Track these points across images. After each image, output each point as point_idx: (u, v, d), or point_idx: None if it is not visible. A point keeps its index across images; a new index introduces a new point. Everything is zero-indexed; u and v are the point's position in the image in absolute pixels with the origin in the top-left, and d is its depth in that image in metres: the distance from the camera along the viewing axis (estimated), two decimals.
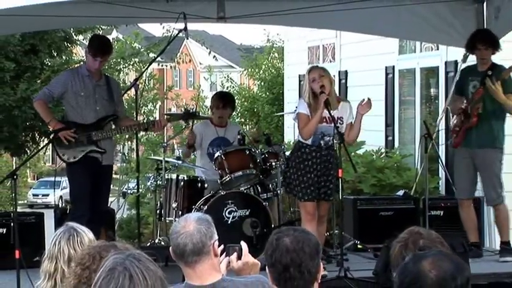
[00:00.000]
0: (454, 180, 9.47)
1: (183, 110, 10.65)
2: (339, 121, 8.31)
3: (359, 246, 9.73)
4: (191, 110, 9.89)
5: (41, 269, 4.06)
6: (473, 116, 8.99)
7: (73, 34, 17.32)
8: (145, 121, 9.75)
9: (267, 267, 3.77)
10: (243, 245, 4.53)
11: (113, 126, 9.00)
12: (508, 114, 9.09)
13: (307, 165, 8.40)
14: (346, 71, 15.00)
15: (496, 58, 10.49)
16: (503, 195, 9.04)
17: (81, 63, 9.34)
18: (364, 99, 8.37)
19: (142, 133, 22.46)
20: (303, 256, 3.69)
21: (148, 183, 12.19)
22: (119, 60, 24.90)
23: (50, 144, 9.10)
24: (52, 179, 15.33)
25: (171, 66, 39.26)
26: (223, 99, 9.97)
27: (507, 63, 10.71)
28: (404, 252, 3.67)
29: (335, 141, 8.23)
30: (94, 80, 8.80)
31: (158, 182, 9.83)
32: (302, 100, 8.54)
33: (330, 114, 8.15)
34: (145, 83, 30.14)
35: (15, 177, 8.01)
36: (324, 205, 8.45)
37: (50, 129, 8.84)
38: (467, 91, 9.13)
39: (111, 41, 11.16)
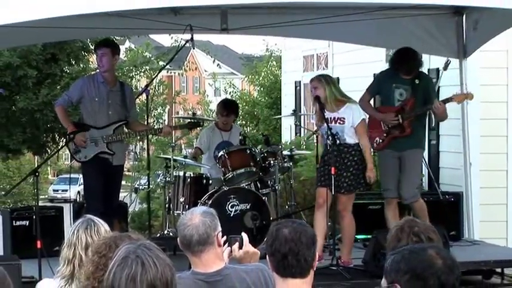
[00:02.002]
0: (382, 181, 8.99)
1: (189, 113, 10.68)
2: (339, 121, 8.26)
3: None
4: (194, 121, 9.99)
5: (61, 256, 4.06)
6: (407, 126, 8.67)
7: (90, 44, 17.29)
8: (153, 128, 9.69)
9: (267, 256, 3.76)
10: (244, 236, 4.52)
11: (125, 130, 8.99)
12: None
13: (324, 160, 8.38)
14: (338, 77, 14.97)
15: (477, 66, 10.52)
16: (419, 194, 8.89)
17: (97, 70, 9.31)
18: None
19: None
20: (300, 246, 3.68)
21: (158, 180, 12.19)
22: (131, 68, 24.93)
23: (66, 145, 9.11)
24: (72, 175, 15.32)
25: (178, 73, 39.28)
26: (227, 108, 9.98)
27: (488, 71, 10.77)
28: (400, 235, 3.67)
29: (329, 142, 8.21)
30: (108, 87, 8.78)
31: (167, 178, 9.82)
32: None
33: (324, 115, 8.14)
34: (155, 88, 30.17)
35: (37, 174, 8.02)
36: (341, 198, 8.25)
37: (67, 133, 8.85)
38: (393, 98, 8.76)
39: (125, 50, 11.17)
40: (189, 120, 10.28)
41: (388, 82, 8.88)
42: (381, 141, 8.82)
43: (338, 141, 8.12)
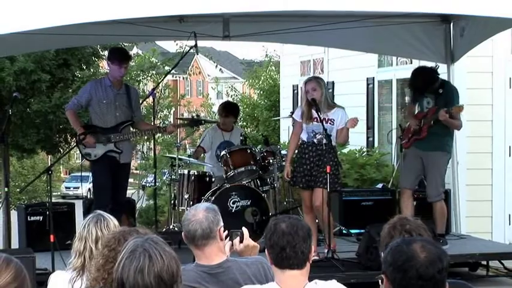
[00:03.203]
0: (402, 172, 9.35)
1: (192, 115, 10.68)
2: (329, 122, 8.27)
3: (344, 231, 9.74)
4: (196, 117, 9.97)
5: (72, 249, 4.06)
6: (424, 131, 8.88)
7: (99, 50, 17.27)
8: (157, 126, 9.68)
9: (266, 249, 3.77)
10: (245, 230, 4.53)
11: (132, 129, 8.99)
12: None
13: (303, 158, 8.36)
14: (333, 81, 14.99)
15: (463, 71, 10.52)
16: (443, 195, 8.91)
17: (106, 75, 9.31)
18: (355, 118, 8.34)
19: (159, 135, 22.44)
20: (297, 239, 3.69)
21: (164, 178, 12.20)
22: (138, 72, 24.89)
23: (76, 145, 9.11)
24: (83, 173, 15.32)
25: (183, 78, 39.29)
26: (226, 109, 10.02)
27: (474, 75, 10.77)
28: (392, 232, 3.67)
29: (324, 141, 8.21)
30: (115, 89, 8.78)
31: (172, 176, 9.82)
32: (299, 108, 8.55)
33: (319, 115, 8.14)
34: (161, 91, 30.12)
35: (50, 172, 8.01)
36: (317, 192, 8.19)
37: (78, 134, 8.85)
38: (423, 105, 9.03)
39: (132, 55, 11.20)
40: (192, 117, 10.27)
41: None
42: (406, 140, 9.09)
43: (323, 141, 8.18)
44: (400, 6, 7.49)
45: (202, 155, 10.14)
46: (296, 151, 8.46)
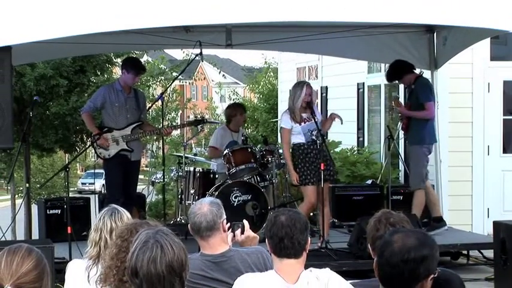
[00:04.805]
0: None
1: (196, 116, 10.70)
2: (315, 117, 8.30)
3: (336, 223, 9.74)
4: (200, 118, 9.99)
5: (89, 239, 4.06)
6: (404, 125, 9.05)
7: (113, 57, 17.26)
8: (158, 128, 9.65)
9: (266, 239, 3.77)
10: (245, 222, 4.53)
11: (140, 130, 8.98)
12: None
13: (308, 157, 8.32)
14: (326, 86, 15.00)
15: (446, 76, 10.53)
16: (422, 184, 8.85)
17: (116, 80, 9.32)
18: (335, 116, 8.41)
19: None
20: (294, 230, 3.69)
21: (172, 174, 12.16)
22: (148, 78, 24.87)
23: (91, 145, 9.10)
24: (97, 170, 15.33)
25: (189, 83, 39.27)
26: (241, 108, 10.15)
27: (455, 80, 10.78)
28: (377, 225, 3.67)
29: (318, 141, 8.21)
30: (125, 94, 8.79)
31: (179, 173, 9.82)
32: (286, 114, 8.46)
33: (314, 116, 8.17)
34: (169, 96, 30.10)
35: (67, 169, 8.01)
36: (325, 187, 8.14)
37: (93, 134, 8.84)
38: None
39: (143, 63, 11.19)
40: (195, 117, 10.30)
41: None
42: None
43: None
44: (388, 18, 7.51)
45: (216, 154, 10.03)
46: (296, 153, 8.40)
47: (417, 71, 9.67)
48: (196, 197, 9.10)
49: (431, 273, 2.92)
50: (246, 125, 24.31)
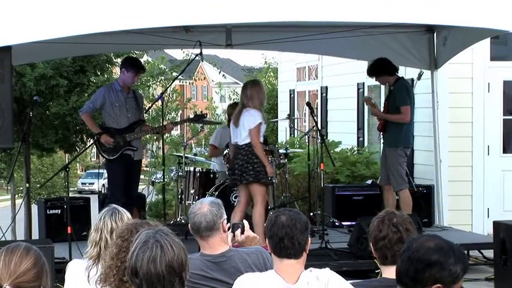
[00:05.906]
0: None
1: (195, 111, 10.71)
2: None
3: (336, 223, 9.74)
4: (200, 113, 10.00)
5: (89, 239, 4.05)
6: (381, 126, 9.06)
7: (113, 57, 17.25)
8: (156, 127, 9.60)
9: (266, 239, 3.76)
10: (245, 223, 4.53)
11: (142, 128, 8.98)
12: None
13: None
14: (326, 86, 14.99)
15: (446, 76, 10.52)
16: (405, 185, 8.88)
17: (115, 80, 9.32)
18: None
19: (167, 134, 22.44)
20: (295, 231, 3.68)
21: (172, 174, 12.20)
22: (148, 78, 24.87)
23: (94, 145, 9.10)
24: (97, 170, 15.33)
25: (189, 83, 39.25)
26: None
27: (455, 80, 10.77)
28: (380, 226, 3.65)
29: (318, 142, 8.20)
30: (125, 94, 8.79)
31: (179, 173, 9.82)
32: (260, 112, 8.21)
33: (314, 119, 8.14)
34: (169, 95, 30.10)
35: (67, 169, 8.01)
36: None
37: (94, 134, 8.84)
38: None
39: (143, 63, 11.20)
40: (195, 113, 10.31)
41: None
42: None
43: None
44: (388, 18, 7.50)
45: (216, 152, 10.01)
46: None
47: (417, 71, 9.68)
48: (196, 197, 9.11)
49: (438, 283, 2.76)
50: None
